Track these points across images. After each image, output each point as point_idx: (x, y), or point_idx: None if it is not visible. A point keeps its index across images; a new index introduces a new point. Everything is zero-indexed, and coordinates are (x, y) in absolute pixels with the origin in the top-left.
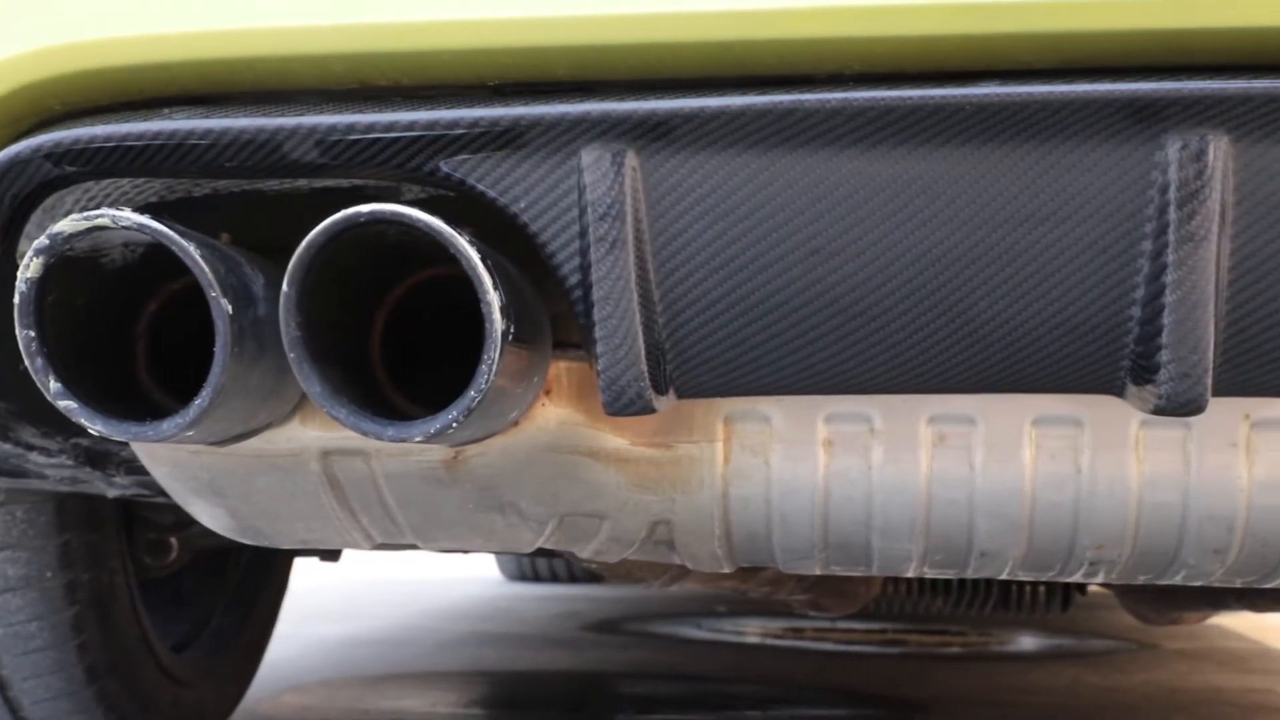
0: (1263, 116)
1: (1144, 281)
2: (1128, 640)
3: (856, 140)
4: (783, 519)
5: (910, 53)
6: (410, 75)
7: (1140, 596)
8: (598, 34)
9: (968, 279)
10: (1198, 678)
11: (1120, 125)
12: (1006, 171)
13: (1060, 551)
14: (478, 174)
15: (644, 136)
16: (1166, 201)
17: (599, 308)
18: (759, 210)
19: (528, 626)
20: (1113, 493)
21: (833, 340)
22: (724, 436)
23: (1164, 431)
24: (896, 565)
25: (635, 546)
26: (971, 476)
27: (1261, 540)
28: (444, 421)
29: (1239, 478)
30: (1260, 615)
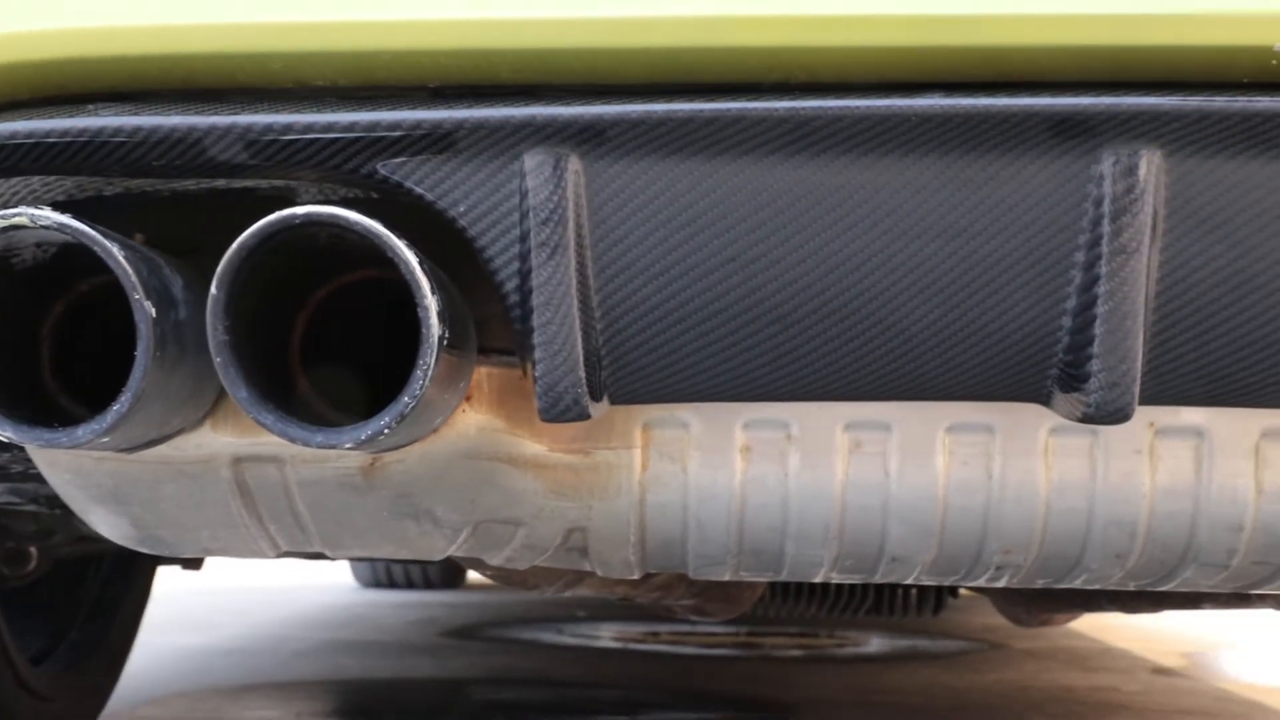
0: (1194, 133)
1: (1076, 292)
2: (977, 641)
3: (800, 149)
4: (699, 525)
5: (855, 63)
6: (349, 76)
7: (1014, 598)
8: (542, 38)
9: (907, 289)
10: (1047, 677)
11: (1059, 138)
12: (947, 182)
13: (969, 556)
14: (416, 177)
15: (588, 141)
16: (1101, 214)
17: (539, 313)
18: (702, 217)
19: (386, 634)
20: (1021, 498)
21: (771, 348)
22: (642, 443)
23: (1072, 439)
24: (806, 571)
25: (549, 554)
26: (886, 483)
27: (1161, 545)
28: (375, 428)
29: (1142, 484)
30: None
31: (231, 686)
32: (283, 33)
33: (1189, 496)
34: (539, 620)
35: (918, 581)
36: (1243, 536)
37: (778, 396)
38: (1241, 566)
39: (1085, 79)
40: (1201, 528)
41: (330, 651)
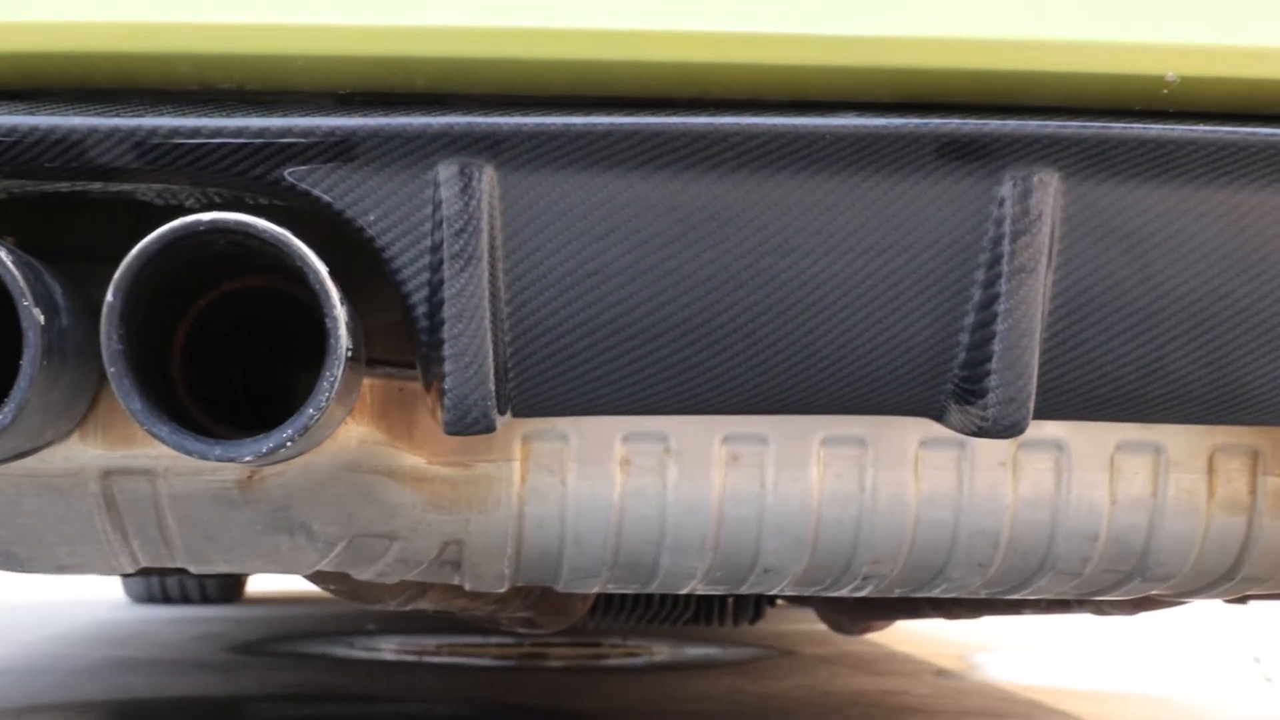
0: (1091, 157)
1: (975, 309)
2: (767, 648)
3: (714, 165)
4: (577, 538)
5: (769, 82)
6: (258, 80)
7: (839, 607)
8: (460, 47)
9: (811, 304)
10: (840, 681)
11: (964, 160)
12: (856, 200)
13: (838, 567)
14: (325, 185)
15: (505, 152)
16: (1002, 234)
17: (450, 325)
18: (616, 230)
19: (169, 650)
20: (892, 510)
21: (675, 361)
22: (522, 456)
23: (940, 452)
24: (677, 583)
25: (422, 568)
26: (762, 494)
27: (1021, 554)
28: (277, 440)
29: (1006, 496)
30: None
31: (14, 708)
32: (187, 34)
33: (1049, 507)
34: (328, 634)
35: (783, 592)
36: (1097, 545)
37: (684, 410)
38: (1093, 574)
39: (992, 103)
40: (1060, 537)
41: (113, 670)
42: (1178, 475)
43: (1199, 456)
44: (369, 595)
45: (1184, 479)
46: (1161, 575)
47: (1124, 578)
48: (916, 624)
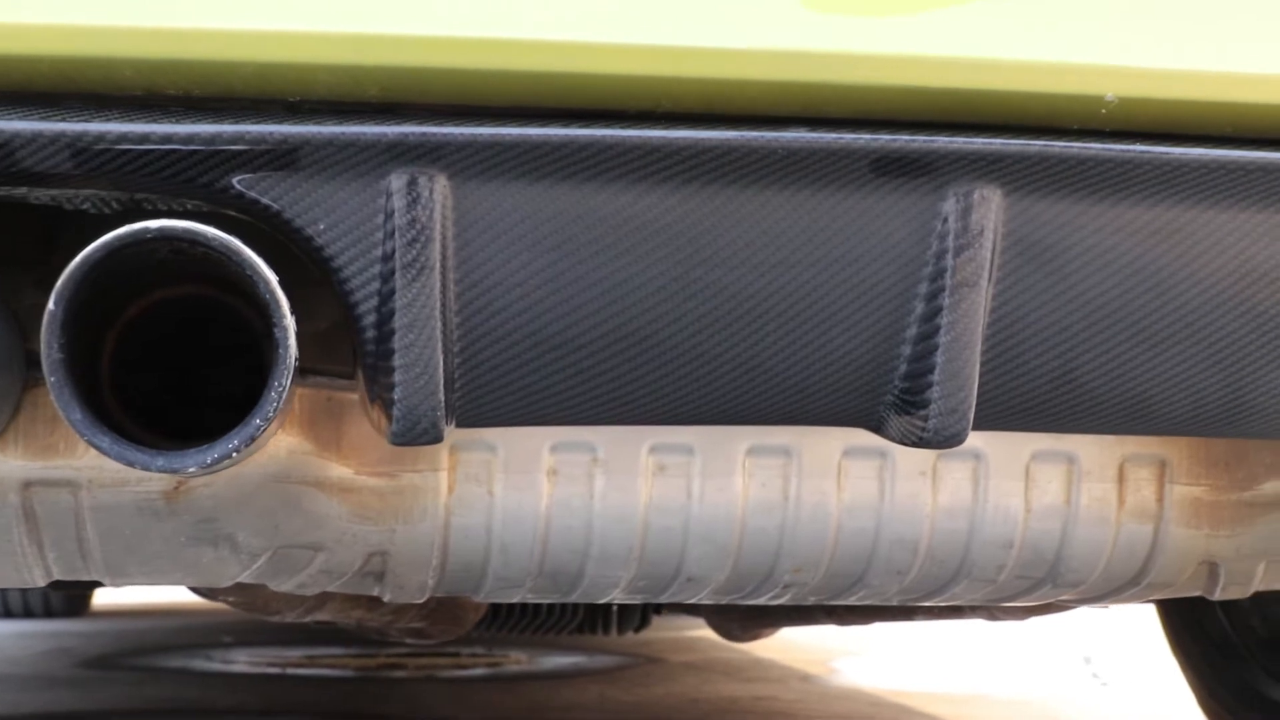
0: (1033, 175)
1: (917, 322)
2: (633, 655)
3: (662, 178)
4: (503, 549)
5: (719, 95)
6: (206, 86)
7: (731, 614)
8: (410, 56)
9: (759, 316)
10: (710, 688)
11: (910, 175)
12: (805, 214)
13: (760, 575)
14: (274, 193)
15: (459, 162)
16: (945, 248)
17: (401, 335)
18: (568, 242)
19: (19, 666)
20: (815, 518)
21: (623, 373)
22: (449, 466)
23: (863, 461)
24: (599, 592)
25: (344, 579)
26: (688, 504)
27: (939, 562)
28: (222, 451)
29: (925, 504)
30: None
31: None
32: (133, 39)
33: (966, 516)
34: (183, 647)
35: (702, 600)
36: (1012, 553)
37: (630, 420)
38: (1007, 580)
39: (938, 119)
40: (976, 545)
41: None
42: (1090, 484)
43: (1110, 466)
44: (268, 607)
45: (1095, 488)
46: (1072, 581)
47: (1036, 584)
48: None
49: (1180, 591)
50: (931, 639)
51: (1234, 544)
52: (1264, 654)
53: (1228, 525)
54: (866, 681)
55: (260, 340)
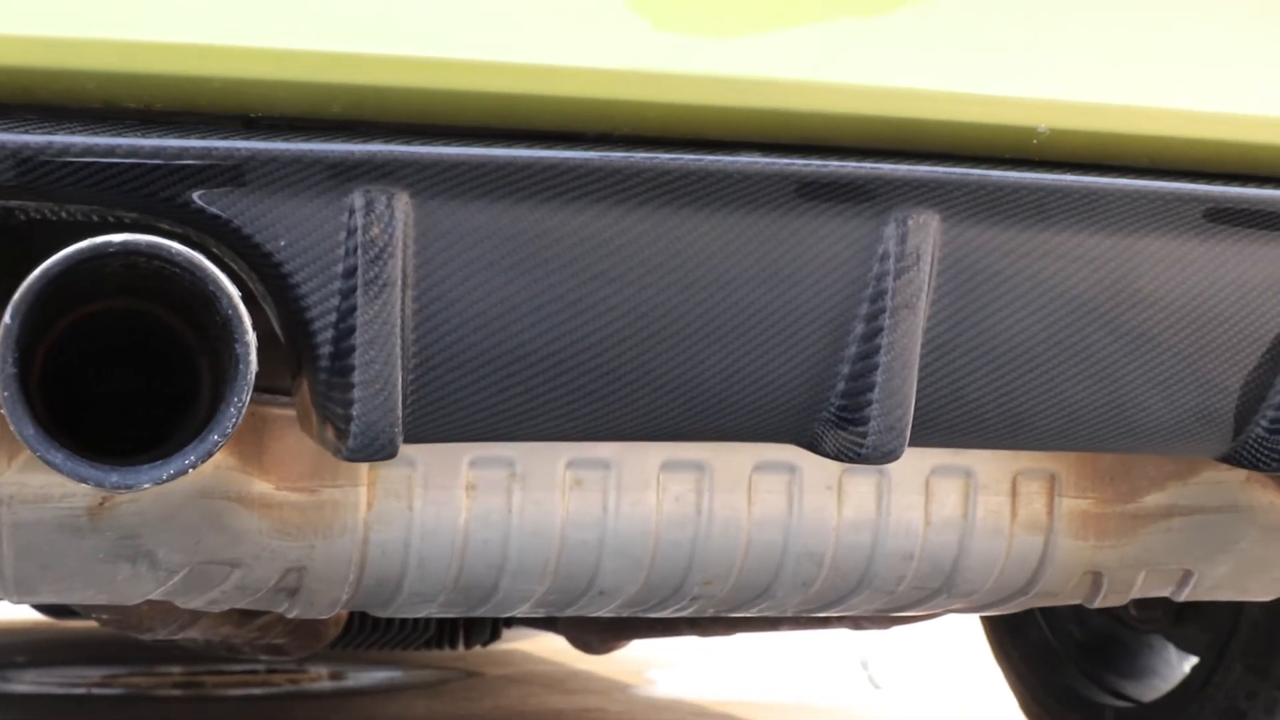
0: (968, 201)
1: (857, 341)
2: (450, 669)
3: (616, 200)
4: (420, 563)
5: (675, 120)
6: (168, 100)
7: (589, 626)
8: (375, 76)
9: (707, 335)
10: (535, 701)
11: (855, 200)
12: (753, 235)
13: (671, 588)
14: (236, 209)
15: (422, 181)
16: (886, 270)
17: (361, 351)
18: (525, 261)
19: None
20: (727, 532)
21: (570, 390)
22: (369, 481)
23: (773, 476)
24: (510, 606)
25: (258, 595)
26: (604, 518)
27: (843, 574)
28: (178, 466)
29: (831, 518)
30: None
31: None
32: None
33: (870, 529)
34: None
35: (611, 613)
36: (912, 564)
37: (574, 437)
38: (905, 591)
39: (881, 147)
40: (878, 557)
41: None
42: (985, 497)
43: (1004, 480)
44: (141, 625)
45: (991, 501)
46: (965, 591)
47: (931, 594)
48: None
49: (1064, 600)
50: (733, 649)
51: (1117, 554)
52: (1081, 658)
53: (1112, 536)
54: (683, 692)
55: (192, 354)
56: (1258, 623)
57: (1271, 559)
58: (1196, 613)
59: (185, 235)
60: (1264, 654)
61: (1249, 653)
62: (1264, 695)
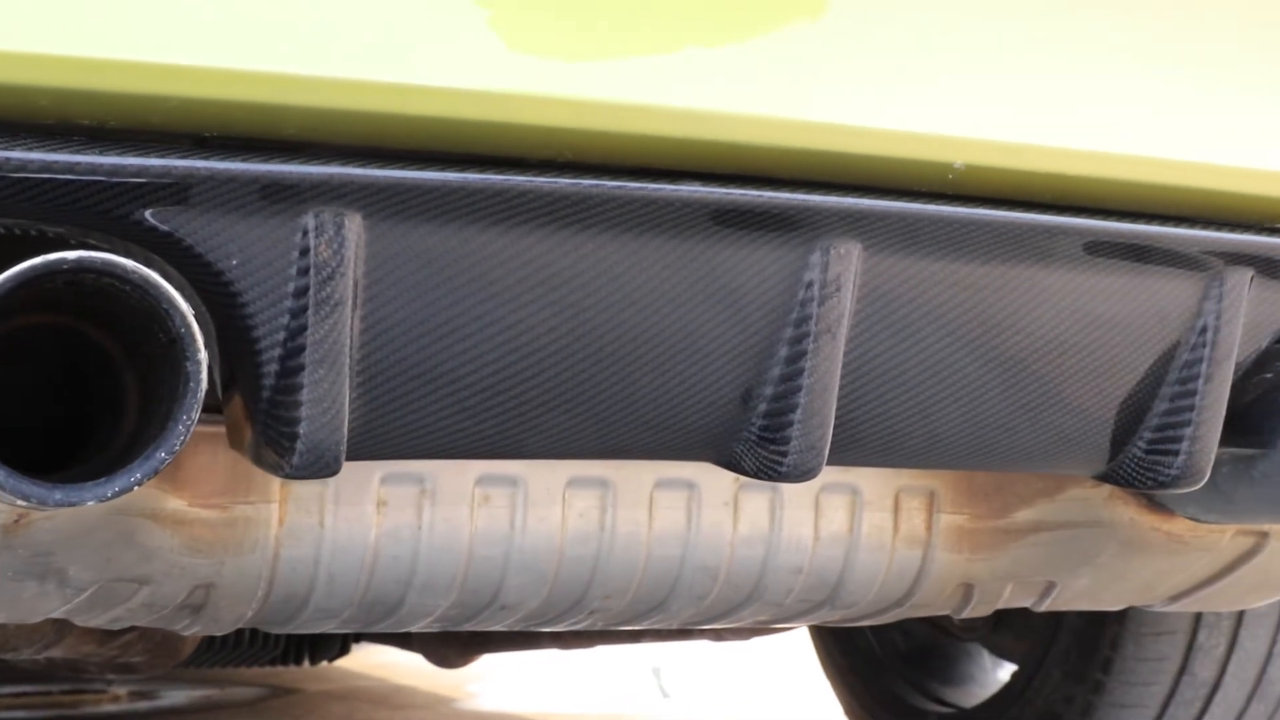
0: (888, 232)
1: (781, 364)
2: (265, 686)
3: (559, 224)
4: (330, 579)
5: (617, 148)
6: (123, 118)
7: (450, 641)
8: (328, 98)
9: (642, 357)
10: (361, 716)
11: (784, 229)
12: (689, 261)
13: (571, 602)
14: (190, 227)
15: (374, 202)
16: (811, 296)
17: (311, 370)
18: (472, 283)
19: None
20: (628, 547)
21: (509, 408)
22: (281, 497)
23: (673, 492)
24: (411, 621)
25: (163, 613)
26: (511, 534)
27: (735, 587)
28: (124, 484)
29: (727, 533)
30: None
31: None
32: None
33: (763, 543)
34: None
35: (507, 627)
36: (800, 578)
37: (508, 455)
38: (791, 604)
39: (813, 178)
40: (770, 571)
41: None
42: (870, 513)
43: (887, 497)
44: (6, 644)
45: (875, 516)
46: (848, 603)
47: (816, 606)
48: (395, 657)
49: (936, 610)
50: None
51: (989, 567)
52: (905, 666)
53: (985, 550)
54: (507, 705)
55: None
56: (1076, 631)
57: (1128, 572)
58: (1013, 622)
59: (127, 250)
60: (1080, 660)
61: (1067, 659)
62: (1079, 699)
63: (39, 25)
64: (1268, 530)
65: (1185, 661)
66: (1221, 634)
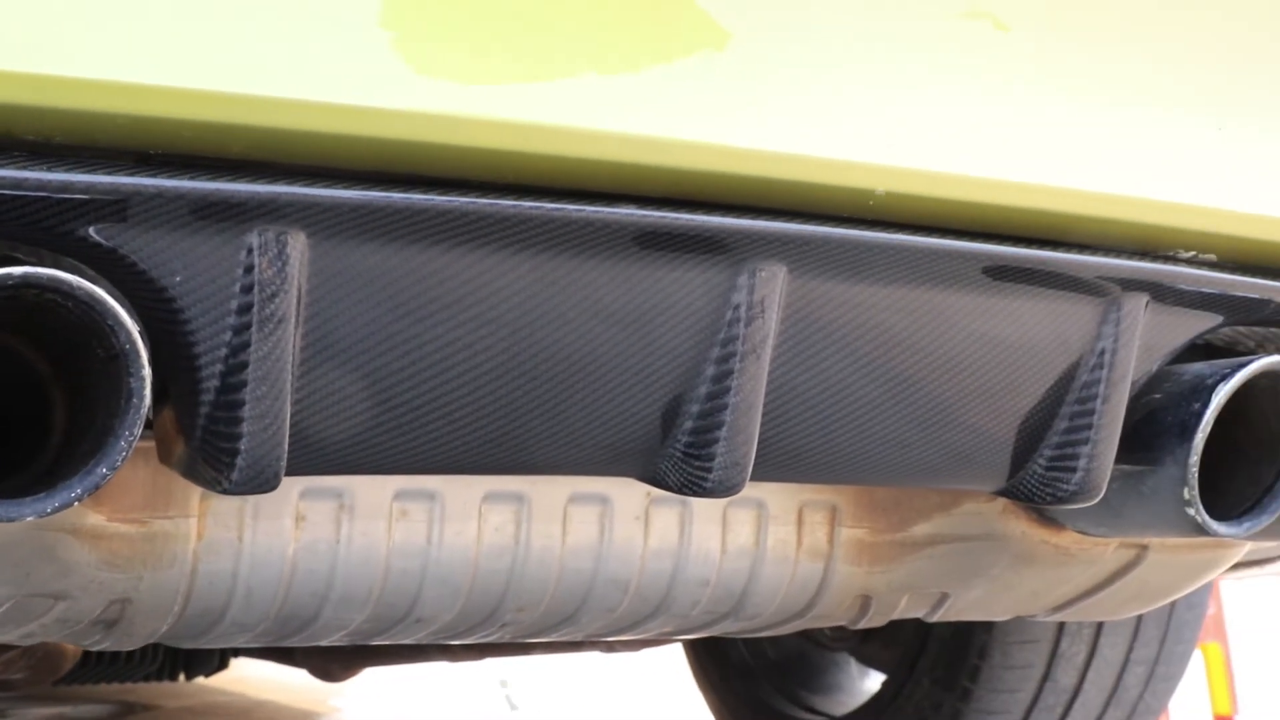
0: (815, 255)
1: (708, 382)
2: (118, 703)
3: (501, 245)
4: (247, 593)
5: (556, 170)
6: (69, 134)
7: (332, 654)
8: (274, 118)
9: (576, 375)
10: None
11: (712, 252)
12: (623, 281)
13: (485, 615)
14: (135, 245)
15: (318, 221)
16: (738, 317)
17: (253, 387)
18: (410, 302)
19: None
20: (542, 561)
21: (444, 424)
22: (200, 512)
23: (587, 507)
24: (325, 635)
25: (78, 628)
26: (428, 549)
27: (644, 600)
28: (63, 499)
29: (638, 546)
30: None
31: None
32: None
33: (673, 557)
34: None
35: (427, 639)
36: (707, 590)
37: (443, 470)
38: (697, 616)
39: (745, 202)
40: (678, 583)
41: None
42: (775, 527)
43: (792, 511)
44: None
45: (780, 530)
46: (751, 615)
47: (720, 618)
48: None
49: (834, 621)
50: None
51: (886, 579)
52: (775, 675)
53: (883, 563)
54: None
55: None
56: (945, 640)
57: (1017, 583)
58: (882, 632)
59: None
60: (949, 668)
61: (936, 667)
62: (948, 706)
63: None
64: (1148, 543)
65: (1048, 669)
66: (1083, 642)
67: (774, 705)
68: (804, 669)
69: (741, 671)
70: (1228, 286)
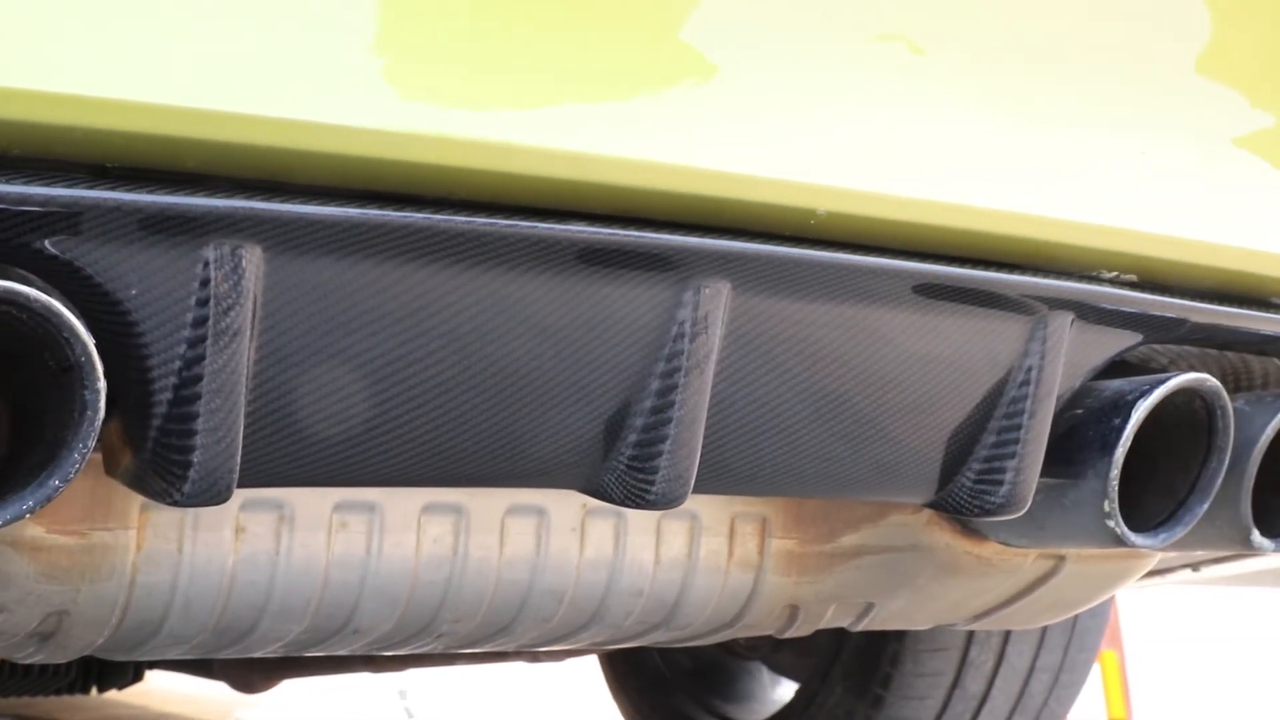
0: (758, 272)
1: (652, 397)
2: (15, 717)
3: (453, 260)
4: (186, 605)
5: (507, 187)
6: (25, 146)
7: (252, 665)
8: (226, 132)
9: (524, 390)
10: None
11: (664, 267)
12: (572, 297)
13: (421, 625)
14: (90, 257)
15: (274, 235)
16: (683, 333)
17: (207, 400)
18: (364, 315)
19: None
20: (479, 572)
21: (396, 437)
22: (139, 524)
23: (524, 518)
24: (261, 646)
25: (12, 641)
26: (367, 560)
27: (579, 610)
28: (15, 512)
29: (574, 558)
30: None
31: None
32: None
33: (607, 568)
34: None
35: (361, 651)
36: (640, 601)
37: (398, 482)
38: (630, 626)
39: (691, 220)
40: (612, 594)
41: None
42: (708, 538)
43: (723, 522)
44: None
45: (712, 541)
46: (682, 624)
47: (652, 628)
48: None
49: (763, 631)
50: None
51: (814, 589)
52: (691, 684)
53: (812, 573)
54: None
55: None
56: (857, 648)
57: (940, 593)
58: (795, 641)
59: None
60: (861, 677)
61: (849, 675)
62: (860, 713)
63: None
64: (1065, 554)
65: (958, 676)
66: (991, 650)
67: (689, 714)
68: (719, 678)
69: (656, 680)
70: (1147, 306)
